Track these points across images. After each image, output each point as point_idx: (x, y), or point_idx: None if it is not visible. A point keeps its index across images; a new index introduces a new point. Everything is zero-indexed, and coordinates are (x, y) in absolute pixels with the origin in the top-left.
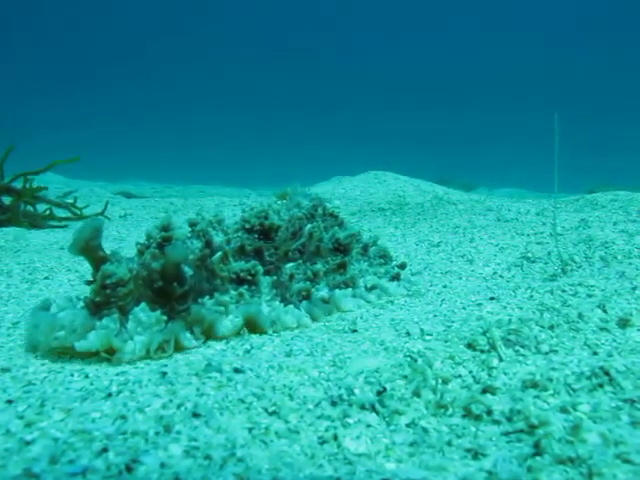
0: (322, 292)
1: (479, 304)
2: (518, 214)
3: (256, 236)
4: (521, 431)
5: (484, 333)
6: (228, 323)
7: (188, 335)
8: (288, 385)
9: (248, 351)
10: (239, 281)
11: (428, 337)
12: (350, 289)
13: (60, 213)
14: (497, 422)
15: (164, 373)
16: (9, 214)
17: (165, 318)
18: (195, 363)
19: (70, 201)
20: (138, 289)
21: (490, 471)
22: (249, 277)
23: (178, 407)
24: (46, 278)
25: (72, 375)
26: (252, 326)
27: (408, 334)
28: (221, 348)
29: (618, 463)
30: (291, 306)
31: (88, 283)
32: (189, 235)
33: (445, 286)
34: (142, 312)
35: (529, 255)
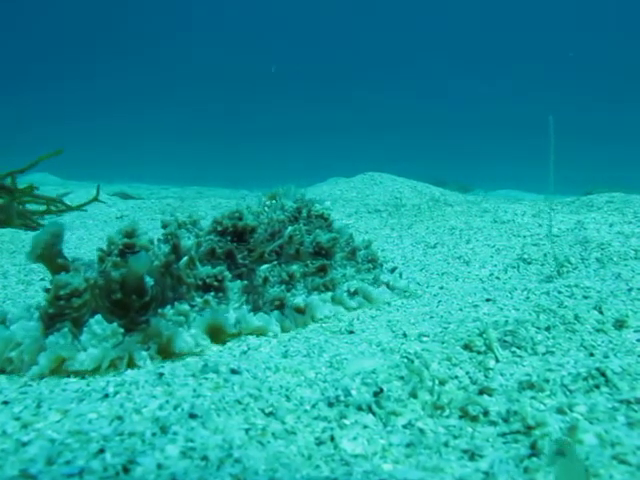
0: (298, 298)
1: (476, 305)
2: (514, 216)
3: (229, 238)
4: (518, 432)
5: (481, 334)
6: (189, 339)
7: (143, 354)
8: (285, 386)
9: (245, 352)
10: (206, 288)
11: (425, 338)
12: (330, 293)
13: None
14: (494, 423)
15: (161, 374)
16: (3, 215)
17: (122, 331)
18: (192, 364)
19: (69, 204)
20: (95, 299)
21: (487, 472)
22: (216, 283)
23: (175, 408)
24: (42, 279)
25: (68, 376)
26: (216, 336)
27: (405, 335)
28: (217, 349)
29: (615, 464)
30: (261, 313)
31: (46, 291)
32: (161, 237)
33: (442, 287)
34: (97, 324)
35: (525, 257)
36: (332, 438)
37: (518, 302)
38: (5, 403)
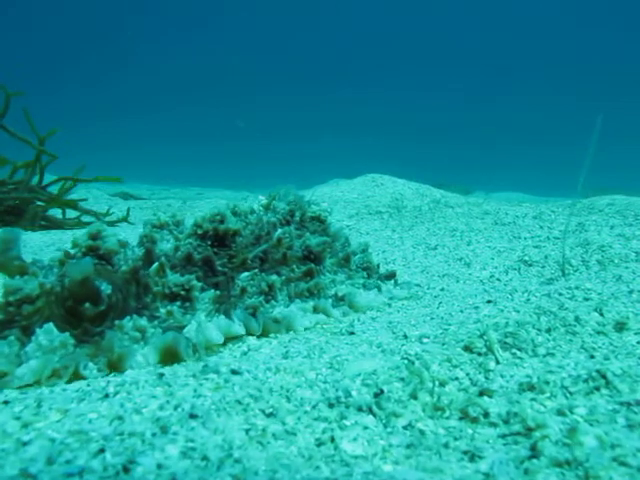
0: (276, 310)
1: (476, 307)
2: (515, 218)
3: (209, 243)
4: (518, 434)
5: (481, 336)
6: (140, 358)
7: (91, 365)
8: (285, 387)
9: (245, 353)
10: (173, 297)
11: (425, 340)
12: (312, 302)
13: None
14: (494, 424)
15: (161, 374)
16: (27, 221)
17: (73, 342)
18: (192, 364)
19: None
20: (50, 306)
21: (487, 473)
22: (183, 292)
23: (175, 408)
24: None
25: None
26: (172, 357)
27: (405, 337)
28: (218, 350)
29: (615, 466)
30: (222, 316)
31: None
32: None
33: (442, 289)
34: (44, 334)
35: (526, 258)
36: (332, 439)
37: (519, 304)
38: (5, 403)
